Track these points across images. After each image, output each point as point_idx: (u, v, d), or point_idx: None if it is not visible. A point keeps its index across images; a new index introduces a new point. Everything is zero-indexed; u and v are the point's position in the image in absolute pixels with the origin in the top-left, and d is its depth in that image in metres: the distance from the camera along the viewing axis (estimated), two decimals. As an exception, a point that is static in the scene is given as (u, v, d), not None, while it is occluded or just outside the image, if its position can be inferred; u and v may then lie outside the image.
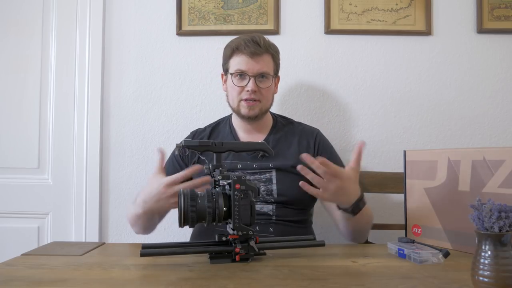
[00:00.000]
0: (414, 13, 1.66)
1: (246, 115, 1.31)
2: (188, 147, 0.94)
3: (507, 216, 0.68)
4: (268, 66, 1.31)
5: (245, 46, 1.27)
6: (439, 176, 1.07)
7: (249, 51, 1.26)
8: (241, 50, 1.28)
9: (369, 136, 1.68)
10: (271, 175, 1.27)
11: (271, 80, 1.32)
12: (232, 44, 1.31)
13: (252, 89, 1.27)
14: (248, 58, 1.27)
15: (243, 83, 1.29)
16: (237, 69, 1.29)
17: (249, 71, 1.28)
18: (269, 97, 1.34)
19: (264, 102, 1.32)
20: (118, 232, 1.70)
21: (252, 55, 1.27)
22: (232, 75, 1.30)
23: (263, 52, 1.28)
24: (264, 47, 1.29)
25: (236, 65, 1.29)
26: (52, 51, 1.74)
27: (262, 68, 1.28)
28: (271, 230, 1.22)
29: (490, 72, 1.67)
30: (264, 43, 1.29)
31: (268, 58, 1.31)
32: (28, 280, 0.79)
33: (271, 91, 1.35)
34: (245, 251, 0.89)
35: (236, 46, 1.29)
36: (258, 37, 1.29)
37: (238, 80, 1.30)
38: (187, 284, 0.77)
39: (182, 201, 0.87)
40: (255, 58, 1.27)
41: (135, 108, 1.72)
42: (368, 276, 0.81)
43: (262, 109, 1.32)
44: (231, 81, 1.31)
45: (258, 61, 1.28)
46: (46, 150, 1.73)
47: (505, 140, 1.65)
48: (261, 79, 1.29)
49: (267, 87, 1.30)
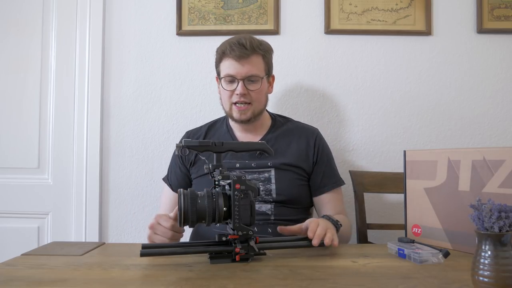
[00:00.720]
0: (414, 13, 1.66)
1: (238, 119, 1.31)
2: (188, 147, 0.94)
3: (507, 216, 0.68)
4: (257, 68, 1.29)
5: (230, 50, 1.26)
6: (439, 176, 1.07)
7: (235, 54, 1.25)
8: (227, 54, 1.27)
9: (369, 136, 1.68)
10: (270, 174, 1.27)
11: (260, 81, 1.30)
12: (219, 49, 1.31)
13: (241, 92, 1.26)
14: (235, 62, 1.26)
15: (232, 86, 1.28)
16: (226, 74, 1.28)
17: (237, 75, 1.27)
18: (261, 99, 1.32)
19: (255, 104, 1.30)
20: (118, 232, 1.70)
21: (239, 58, 1.26)
22: (222, 79, 1.30)
23: (250, 54, 1.26)
24: (251, 48, 1.26)
25: (225, 70, 1.29)
26: (52, 51, 1.74)
27: (250, 71, 1.27)
28: (270, 231, 1.22)
29: (490, 72, 1.67)
30: (250, 45, 1.26)
31: (256, 59, 1.29)
32: (28, 280, 0.79)
33: (263, 92, 1.33)
34: (245, 251, 0.90)
35: (223, 51, 1.29)
36: (244, 39, 1.27)
37: (228, 84, 1.29)
38: (187, 284, 0.77)
39: (182, 201, 0.87)
40: (241, 61, 1.26)
41: (135, 108, 1.72)
42: (368, 276, 0.81)
43: (255, 112, 1.31)
44: (221, 86, 1.31)
45: (245, 64, 1.26)
46: (46, 150, 1.73)
47: (505, 140, 1.65)
48: (250, 82, 1.28)
49: (256, 90, 1.29)
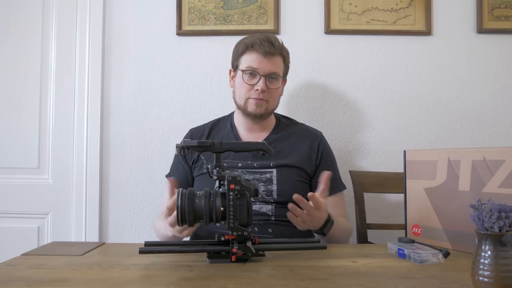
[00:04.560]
0: (414, 13, 1.66)
1: (253, 112, 1.30)
2: (187, 147, 0.94)
3: (507, 216, 0.68)
4: (279, 67, 1.31)
5: (260, 45, 1.27)
6: (439, 176, 1.07)
7: (264, 50, 1.27)
8: (255, 48, 1.28)
9: (369, 136, 1.68)
10: (271, 175, 1.27)
11: (280, 81, 1.32)
12: (246, 41, 1.31)
13: (262, 88, 1.27)
14: (261, 57, 1.28)
15: (253, 81, 1.29)
16: (249, 66, 1.29)
17: (261, 69, 1.28)
18: (276, 98, 1.35)
19: (271, 102, 1.32)
20: (118, 232, 1.70)
21: (266, 54, 1.27)
22: (243, 72, 1.30)
23: (276, 53, 1.29)
24: (278, 48, 1.30)
25: (248, 62, 1.29)
26: (52, 51, 1.74)
27: (274, 68, 1.29)
28: (270, 231, 1.22)
29: (490, 72, 1.67)
30: (278, 44, 1.30)
31: (279, 60, 1.32)
32: (28, 280, 0.79)
33: (278, 92, 1.35)
34: (242, 251, 0.89)
35: (251, 44, 1.29)
36: (273, 37, 1.30)
37: (249, 78, 1.29)
38: (187, 284, 0.77)
39: (180, 201, 0.88)
40: (268, 58, 1.28)
41: (135, 108, 1.72)
42: (368, 276, 0.81)
43: (268, 109, 1.32)
44: (241, 78, 1.30)
45: (270, 61, 1.28)
46: (46, 150, 1.73)
47: (505, 140, 1.65)
48: (271, 80, 1.30)
49: (276, 88, 1.31)
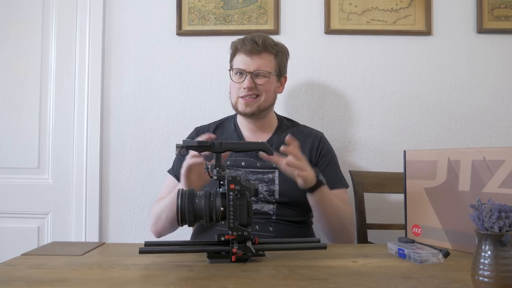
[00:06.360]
0: (414, 13, 1.66)
1: (242, 111, 1.33)
2: (187, 147, 0.94)
3: (507, 216, 0.68)
4: (266, 65, 1.32)
5: (242, 45, 1.32)
6: (439, 176, 1.07)
7: (246, 49, 1.31)
8: (239, 49, 1.33)
9: (369, 136, 1.68)
10: (274, 175, 1.27)
11: (268, 77, 1.32)
12: (233, 44, 1.37)
13: (248, 85, 1.30)
14: (245, 57, 1.32)
15: (241, 80, 1.32)
16: (236, 67, 1.34)
17: (246, 68, 1.31)
18: (269, 94, 1.34)
19: (264, 97, 1.32)
20: (118, 232, 1.70)
21: (249, 53, 1.31)
22: (232, 72, 1.35)
23: (260, 50, 1.31)
24: (263, 46, 1.31)
25: (237, 64, 1.34)
26: (52, 51, 1.74)
27: (260, 66, 1.31)
28: (271, 230, 1.22)
29: (490, 72, 1.67)
30: (263, 42, 1.31)
31: (268, 57, 1.33)
32: (28, 280, 0.79)
33: (271, 88, 1.35)
34: (242, 251, 0.89)
35: (236, 46, 1.35)
36: (258, 36, 1.32)
37: (238, 78, 1.34)
38: (187, 284, 0.77)
39: (180, 201, 0.88)
40: (251, 56, 1.31)
41: (135, 108, 1.72)
42: (368, 276, 0.81)
43: (261, 106, 1.32)
44: (231, 78, 1.35)
45: (254, 59, 1.31)
46: (46, 150, 1.73)
47: (505, 140, 1.65)
48: (258, 77, 1.32)
49: (263, 84, 1.32)
